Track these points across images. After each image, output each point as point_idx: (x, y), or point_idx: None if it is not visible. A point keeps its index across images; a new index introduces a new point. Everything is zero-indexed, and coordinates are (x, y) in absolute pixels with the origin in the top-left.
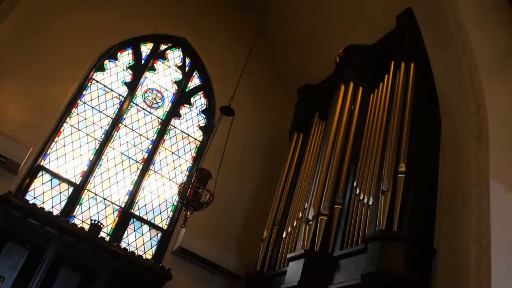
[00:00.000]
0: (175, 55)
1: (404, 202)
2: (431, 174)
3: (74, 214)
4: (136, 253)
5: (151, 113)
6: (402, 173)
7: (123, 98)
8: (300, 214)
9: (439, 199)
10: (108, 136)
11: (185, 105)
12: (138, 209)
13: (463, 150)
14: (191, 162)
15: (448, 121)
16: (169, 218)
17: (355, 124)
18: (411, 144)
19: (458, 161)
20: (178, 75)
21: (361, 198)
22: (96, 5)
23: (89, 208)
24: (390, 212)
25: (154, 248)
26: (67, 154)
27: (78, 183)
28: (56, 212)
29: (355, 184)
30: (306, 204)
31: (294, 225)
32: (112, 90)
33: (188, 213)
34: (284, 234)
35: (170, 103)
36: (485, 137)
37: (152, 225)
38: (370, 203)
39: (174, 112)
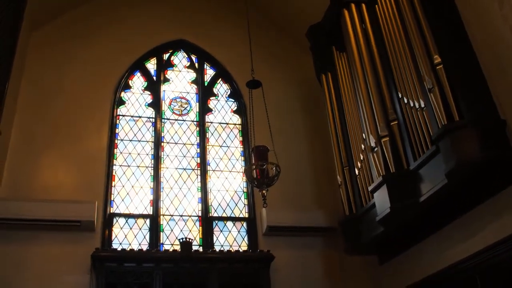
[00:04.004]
0: (180, 58)
1: (453, 90)
2: (466, 52)
3: (161, 242)
4: (232, 250)
5: (184, 120)
6: (439, 64)
7: (153, 119)
8: (363, 146)
9: (485, 71)
10: (157, 159)
11: (211, 98)
12: (215, 211)
13: (488, 15)
14: (241, 146)
15: None
16: (245, 206)
17: (374, 41)
18: (435, 32)
19: (488, 28)
20: (192, 75)
21: (412, 105)
22: (89, 44)
23: (172, 230)
24: (445, 105)
25: (246, 239)
26: (129, 192)
27: (151, 213)
28: (145, 247)
29: (400, 95)
30: (363, 134)
31: (362, 158)
32: (140, 117)
33: (264, 191)
34: (356, 171)
35: (197, 103)
36: None
37: (234, 219)
38: (422, 105)
39: (204, 109)
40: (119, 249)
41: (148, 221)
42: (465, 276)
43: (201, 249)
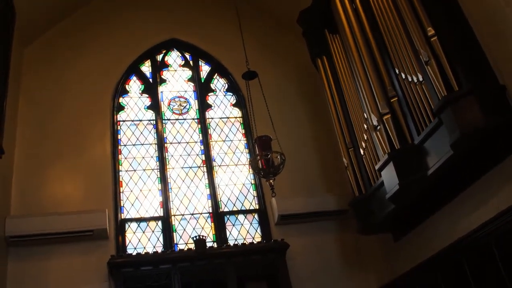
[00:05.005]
0: (174, 58)
1: (450, 60)
2: (459, 21)
3: (175, 242)
4: (246, 243)
5: (185, 119)
6: (433, 36)
7: (154, 121)
8: (365, 126)
9: (480, 38)
10: (162, 161)
11: (209, 94)
12: (225, 205)
13: None
14: (244, 139)
15: None
16: (255, 197)
17: (366, 19)
18: (426, 4)
19: None
20: (188, 73)
21: (410, 80)
22: (82, 54)
23: (184, 229)
24: (443, 77)
25: (258, 230)
26: (138, 196)
27: (162, 215)
28: (160, 249)
29: (397, 71)
30: (365, 114)
31: (366, 138)
32: (141, 121)
33: (271, 181)
34: (362, 151)
35: (196, 100)
36: None
37: (245, 212)
38: (421, 79)
39: (203, 106)
40: (134, 253)
41: (160, 223)
42: (480, 244)
43: (215, 245)
